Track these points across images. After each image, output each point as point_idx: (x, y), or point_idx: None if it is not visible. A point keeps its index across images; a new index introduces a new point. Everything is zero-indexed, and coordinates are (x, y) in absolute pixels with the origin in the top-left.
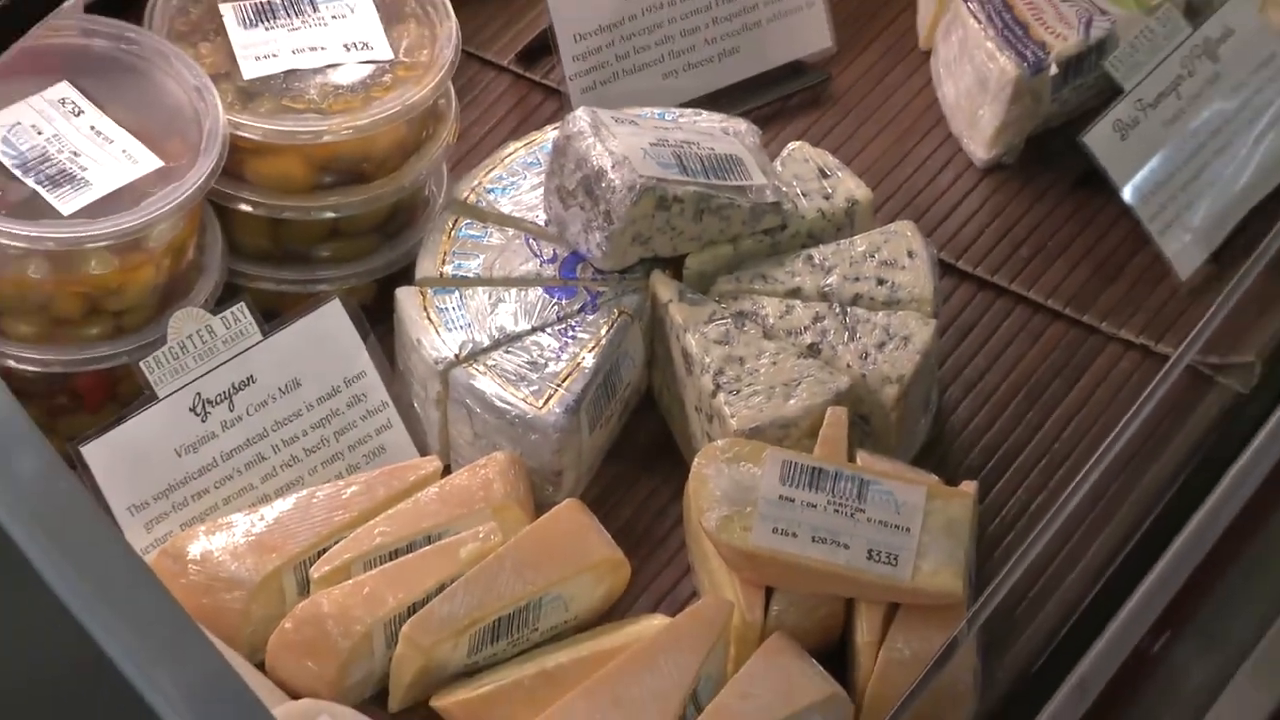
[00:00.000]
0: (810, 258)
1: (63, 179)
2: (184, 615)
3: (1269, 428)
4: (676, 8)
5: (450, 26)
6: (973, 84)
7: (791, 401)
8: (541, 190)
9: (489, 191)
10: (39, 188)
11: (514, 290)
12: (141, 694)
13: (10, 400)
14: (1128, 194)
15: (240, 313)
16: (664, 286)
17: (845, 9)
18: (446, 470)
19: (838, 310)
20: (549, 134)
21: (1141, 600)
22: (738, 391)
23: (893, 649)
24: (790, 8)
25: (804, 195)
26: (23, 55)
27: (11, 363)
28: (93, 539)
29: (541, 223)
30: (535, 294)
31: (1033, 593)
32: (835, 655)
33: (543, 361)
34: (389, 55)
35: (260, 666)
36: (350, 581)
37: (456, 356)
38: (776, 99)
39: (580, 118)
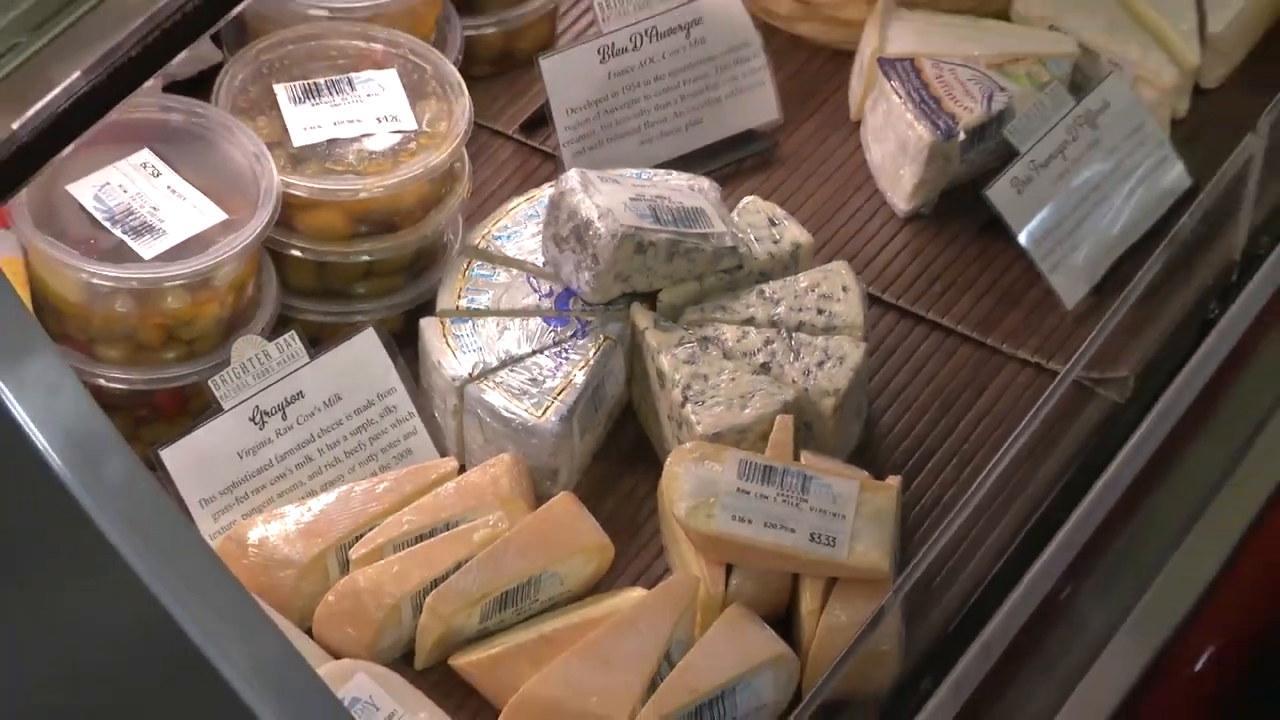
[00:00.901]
0: (762, 292)
1: (144, 229)
2: (245, 591)
3: (1141, 432)
4: (651, 86)
5: (464, 102)
6: (895, 148)
7: (747, 411)
8: (540, 237)
9: (497, 238)
10: (124, 237)
11: (518, 320)
12: (210, 658)
13: (100, 413)
14: (1023, 238)
15: (291, 339)
16: (641, 316)
17: (790, 87)
18: (462, 469)
19: (785, 335)
20: (546, 191)
21: (1037, 575)
22: (702, 402)
23: (832, 616)
24: (744, 86)
25: (756, 240)
26: (110, 127)
27: (102, 381)
28: (170, 528)
29: (540, 264)
30: (535, 323)
31: (946, 570)
32: (784, 621)
33: (541, 379)
34: (414, 126)
35: (308, 633)
36: (383, 561)
37: (470, 375)
38: (733, 161)
39: (572, 177)
